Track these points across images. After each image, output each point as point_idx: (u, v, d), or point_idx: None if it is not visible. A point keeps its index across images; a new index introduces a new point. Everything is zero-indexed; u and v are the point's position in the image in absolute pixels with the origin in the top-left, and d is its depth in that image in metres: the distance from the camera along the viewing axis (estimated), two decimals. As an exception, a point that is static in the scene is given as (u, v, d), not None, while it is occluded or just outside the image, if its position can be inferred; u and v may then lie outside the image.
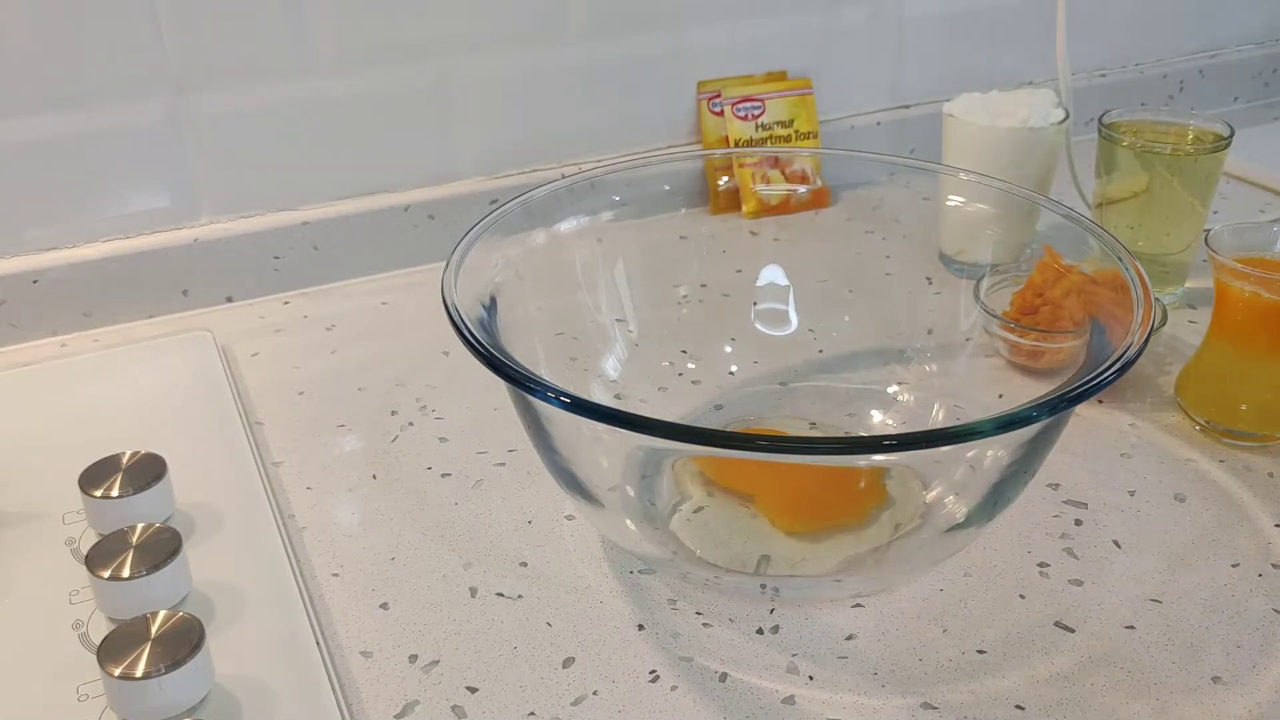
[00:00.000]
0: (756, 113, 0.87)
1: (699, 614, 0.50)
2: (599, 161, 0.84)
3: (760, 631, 0.49)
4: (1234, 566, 0.52)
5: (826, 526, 0.53)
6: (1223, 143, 0.70)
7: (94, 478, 0.52)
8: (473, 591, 0.52)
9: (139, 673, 0.42)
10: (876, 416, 0.61)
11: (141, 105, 0.72)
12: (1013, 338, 0.63)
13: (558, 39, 0.81)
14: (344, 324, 0.75)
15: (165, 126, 0.73)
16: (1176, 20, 1.05)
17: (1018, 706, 0.45)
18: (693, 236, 0.72)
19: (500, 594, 0.52)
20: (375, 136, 0.79)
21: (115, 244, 0.74)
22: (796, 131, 0.88)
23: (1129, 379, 0.65)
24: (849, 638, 0.49)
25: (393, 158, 0.80)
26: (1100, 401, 0.64)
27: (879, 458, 0.54)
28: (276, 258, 0.78)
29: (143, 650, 0.43)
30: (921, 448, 0.44)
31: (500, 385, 0.46)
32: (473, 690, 0.47)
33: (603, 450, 0.51)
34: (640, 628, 0.50)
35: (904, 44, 0.93)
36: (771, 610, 0.50)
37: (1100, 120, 0.73)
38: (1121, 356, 0.43)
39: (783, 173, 0.82)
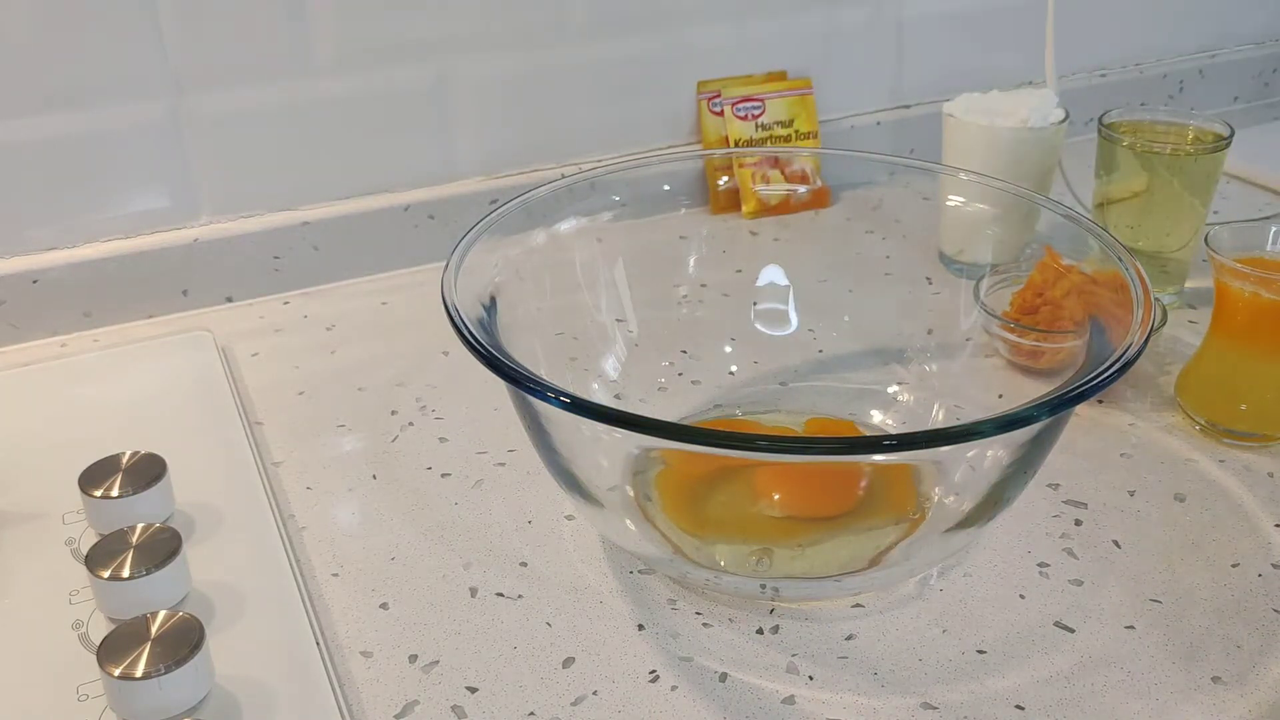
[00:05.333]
0: (756, 113, 0.87)
1: (699, 614, 0.50)
2: (599, 161, 0.84)
3: (760, 631, 0.49)
4: (1234, 566, 0.52)
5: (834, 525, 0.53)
6: (1223, 143, 0.70)
7: (94, 478, 0.52)
8: (473, 591, 0.52)
9: (139, 673, 0.42)
10: (876, 416, 0.61)
11: (141, 105, 0.72)
12: (1013, 338, 0.63)
13: (558, 39, 0.81)
14: (344, 324, 0.75)
15: (165, 126, 0.73)
16: (1176, 20, 1.05)
17: (1018, 706, 0.45)
18: (693, 236, 0.72)
19: (500, 594, 0.52)
20: (375, 136, 0.79)
21: (115, 244, 0.74)
22: (796, 131, 0.88)
23: (1129, 379, 0.65)
24: (849, 638, 0.49)
25: (393, 158, 0.80)
26: (1100, 401, 0.64)
27: (879, 458, 0.54)
28: (276, 258, 0.78)
29: (143, 650, 0.43)
30: (921, 448, 0.44)
31: (500, 385, 0.46)
32: (473, 690, 0.47)
33: (603, 450, 0.51)
34: (640, 628, 0.50)
35: (904, 44, 0.93)
36: (771, 610, 0.50)
37: (1100, 120, 0.73)
38: (1121, 356, 0.43)
39: (783, 173, 0.82)
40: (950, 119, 0.76)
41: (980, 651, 0.48)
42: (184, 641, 0.43)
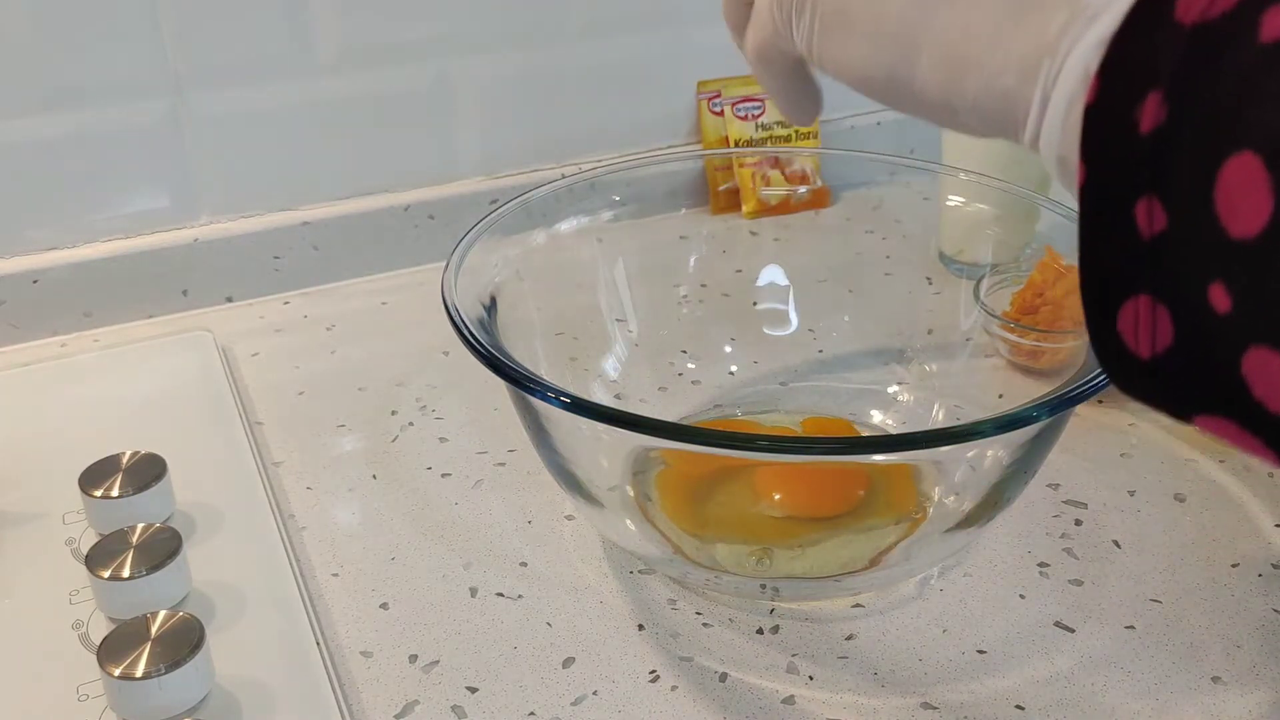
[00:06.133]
0: (756, 113, 0.87)
1: (699, 614, 0.50)
2: (599, 161, 0.84)
3: (760, 631, 0.49)
4: (1234, 566, 0.52)
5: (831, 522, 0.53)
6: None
7: (94, 478, 0.52)
8: (473, 591, 0.52)
9: (139, 673, 0.42)
10: (876, 416, 0.61)
11: (141, 105, 0.72)
12: (1013, 338, 0.63)
13: (558, 39, 0.81)
14: (344, 324, 0.75)
15: (165, 126, 0.73)
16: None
17: (1018, 706, 0.45)
18: (693, 236, 0.72)
19: (500, 594, 0.52)
20: (375, 136, 0.79)
21: (115, 244, 0.74)
22: (796, 132, 0.88)
23: (1129, 379, 0.65)
24: (849, 638, 0.49)
25: (393, 158, 0.80)
26: (1100, 401, 0.64)
27: (879, 458, 0.54)
28: (276, 258, 0.78)
29: (143, 650, 0.43)
30: (921, 448, 0.44)
31: (500, 385, 0.46)
32: (473, 690, 0.47)
33: (603, 450, 0.51)
34: (640, 628, 0.50)
35: (904, 44, 0.93)
36: (771, 610, 0.50)
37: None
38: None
39: (783, 173, 0.82)
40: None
41: (980, 651, 0.48)
42: (184, 641, 0.43)
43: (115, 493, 0.52)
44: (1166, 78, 0.25)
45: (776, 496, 0.54)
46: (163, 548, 0.48)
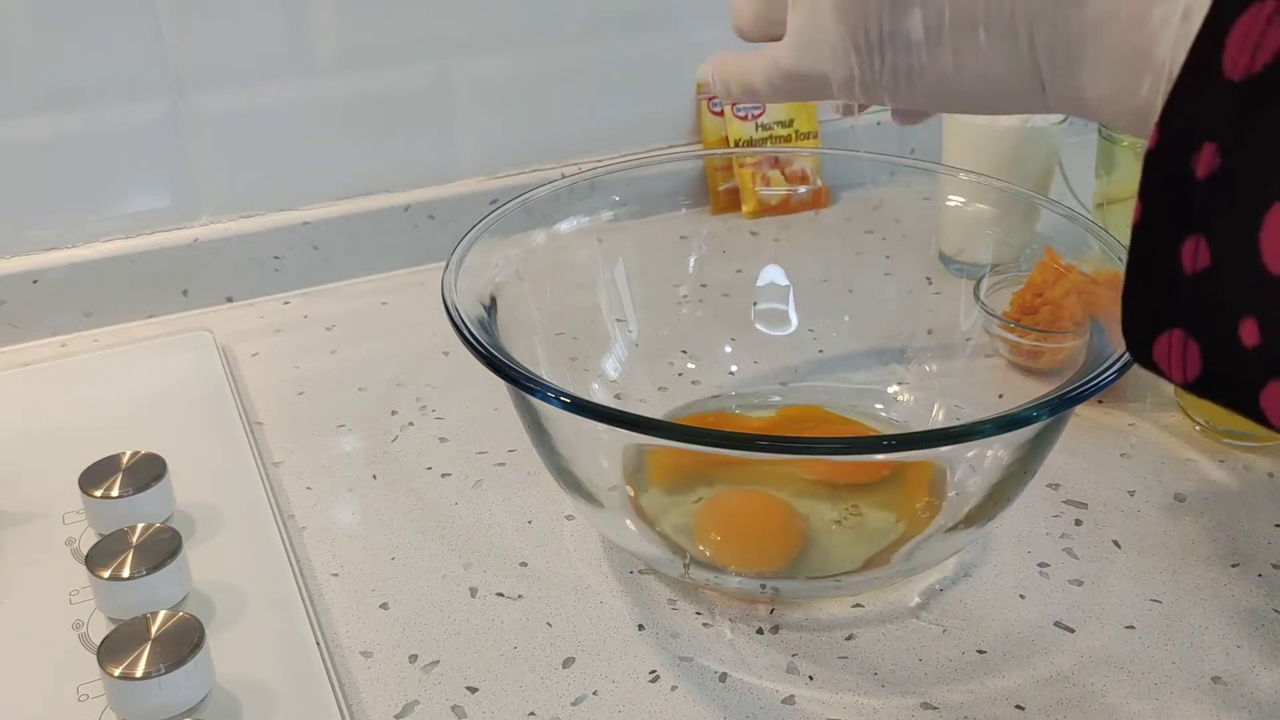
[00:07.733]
0: (756, 113, 0.87)
1: (699, 614, 0.50)
2: (599, 161, 0.84)
3: (760, 631, 0.49)
4: (1234, 566, 0.52)
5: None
6: (1223, 143, 0.70)
7: (94, 478, 0.52)
8: (473, 591, 0.52)
9: (139, 673, 0.42)
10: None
11: (141, 105, 0.72)
12: (1013, 338, 0.63)
13: (558, 39, 0.81)
14: (344, 324, 0.75)
15: (165, 126, 0.73)
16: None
17: (1018, 706, 0.45)
18: (693, 236, 0.72)
19: (500, 594, 0.52)
20: (375, 136, 0.79)
21: (115, 244, 0.74)
22: (796, 131, 0.88)
23: (1129, 379, 0.65)
24: (849, 638, 0.49)
25: (393, 158, 0.80)
26: (1100, 401, 0.64)
27: (879, 458, 0.54)
28: (276, 258, 0.78)
29: (143, 650, 0.43)
30: (921, 448, 0.44)
31: (500, 385, 0.46)
32: (473, 690, 0.47)
33: (603, 450, 0.51)
34: (640, 628, 0.50)
35: (904, 44, 0.93)
36: (771, 610, 0.50)
37: (1100, 120, 0.73)
38: (1121, 356, 0.43)
39: (783, 173, 0.82)
40: (950, 118, 0.76)
41: (980, 651, 0.48)
42: (184, 641, 0.43)
43: (115, 493, 0.52)
44: (1221, 131, 0.27)
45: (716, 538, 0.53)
46: (163, 548, 0.48)
